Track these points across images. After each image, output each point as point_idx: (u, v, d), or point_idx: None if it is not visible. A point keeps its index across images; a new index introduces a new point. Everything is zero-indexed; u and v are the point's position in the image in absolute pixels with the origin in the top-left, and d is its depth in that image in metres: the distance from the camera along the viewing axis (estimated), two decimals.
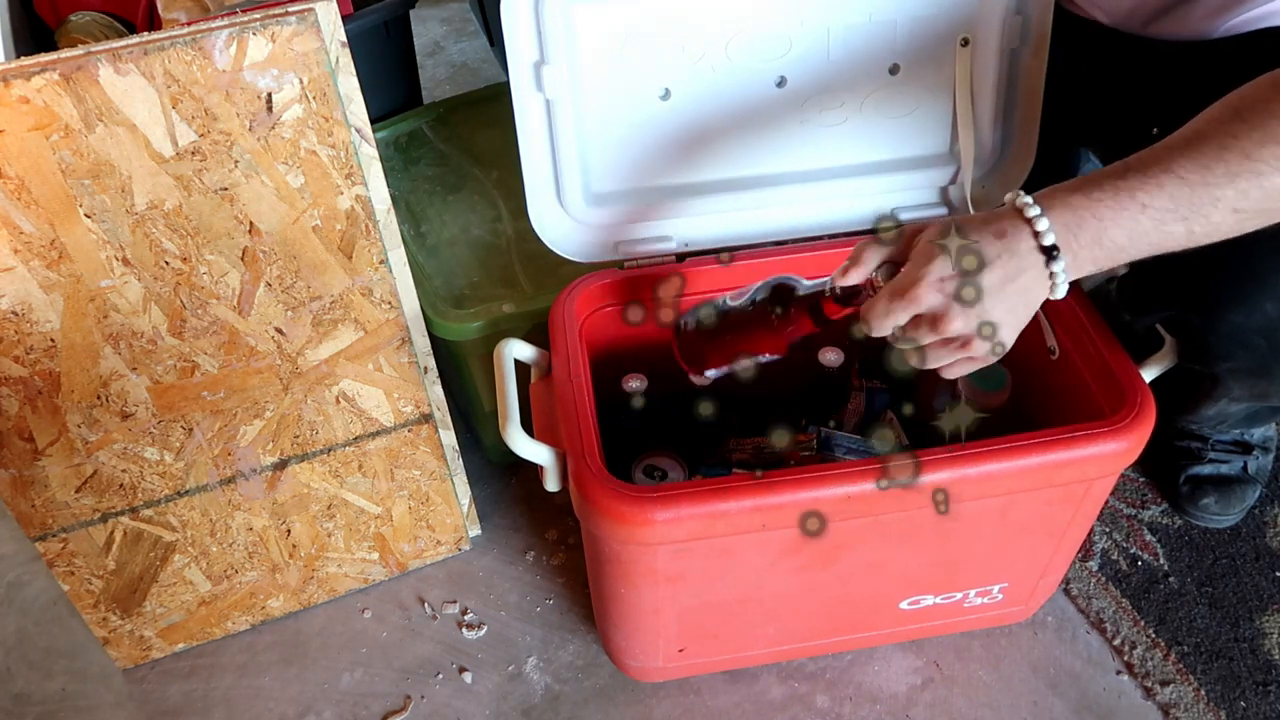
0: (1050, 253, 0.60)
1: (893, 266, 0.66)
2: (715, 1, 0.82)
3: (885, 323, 0.63)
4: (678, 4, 0.82)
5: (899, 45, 0.87)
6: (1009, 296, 0.61)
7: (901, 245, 0.65)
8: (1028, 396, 0.86)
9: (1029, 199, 0.60)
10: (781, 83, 0.87)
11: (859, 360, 0.94)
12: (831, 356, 0.91)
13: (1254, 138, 0.57)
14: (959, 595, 0.87)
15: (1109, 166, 0.60)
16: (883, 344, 0.67)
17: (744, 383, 0.81)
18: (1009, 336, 0.63)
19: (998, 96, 0.88)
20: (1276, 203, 0.58)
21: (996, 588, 0.87)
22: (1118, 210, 0.58)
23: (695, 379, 0.80)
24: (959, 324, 0.61)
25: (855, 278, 0.67)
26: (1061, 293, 0.62)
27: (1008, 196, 0.62)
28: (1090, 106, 0.96)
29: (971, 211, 0.90)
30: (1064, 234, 0.59)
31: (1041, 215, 0.59)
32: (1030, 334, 0.81)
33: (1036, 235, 0.60)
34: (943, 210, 0.93)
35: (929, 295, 0.61)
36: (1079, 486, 0.76)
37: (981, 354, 0.63)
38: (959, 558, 0.82)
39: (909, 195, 0.93)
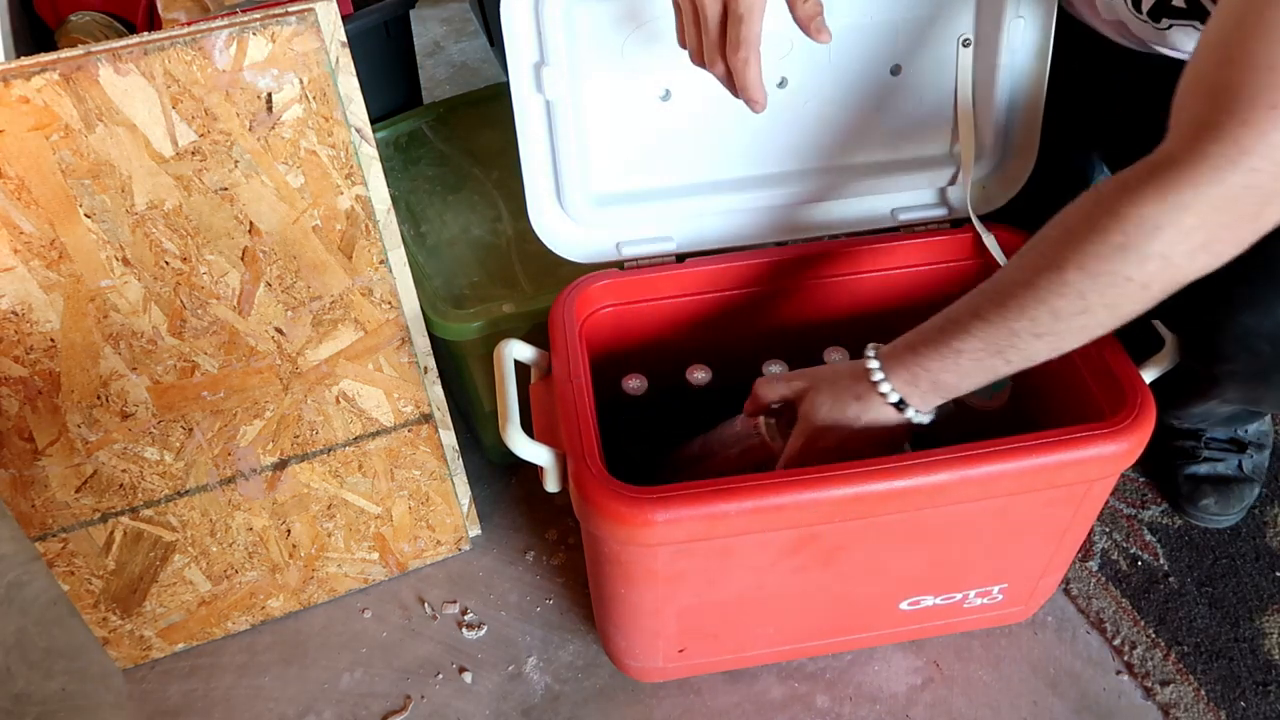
0: (900, 406, 0.72)
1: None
2: None
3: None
4: None
5: (900, 46, 0.87)
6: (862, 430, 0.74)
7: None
8: (1028, 397, 0.86)
9: (876, 365, 0.72)
10: (783, 83, 0.87)
11: None
12: (836, 356, 0.91)
13: (1044, 276, 0.64)
14: (959, 596, 0.87)
15: (938, 316, 0.70)
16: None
17: (747, 384, 0.81)
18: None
19: (999, 98, 0.88)
20: (1066, 323, 0.65)
21: (996, 588, 0.87)
22: (940, 360, 0.69)
23: None
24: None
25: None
26: (925, 419, 0.73)
27: (868, 352, 0.73)
28: (1099, 114, 0.96)
29: (971, 213, 0.91)
30: (906, 389, 0.71)
31: (885, 380, 0.71)
32: None
33: (883, 396, 0.72)
34: (943, 211, 0.93)
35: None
36: (1079, 488, 0.76)
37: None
38: (959, 559, 0.82)
39: (909, 196, 0.93)
